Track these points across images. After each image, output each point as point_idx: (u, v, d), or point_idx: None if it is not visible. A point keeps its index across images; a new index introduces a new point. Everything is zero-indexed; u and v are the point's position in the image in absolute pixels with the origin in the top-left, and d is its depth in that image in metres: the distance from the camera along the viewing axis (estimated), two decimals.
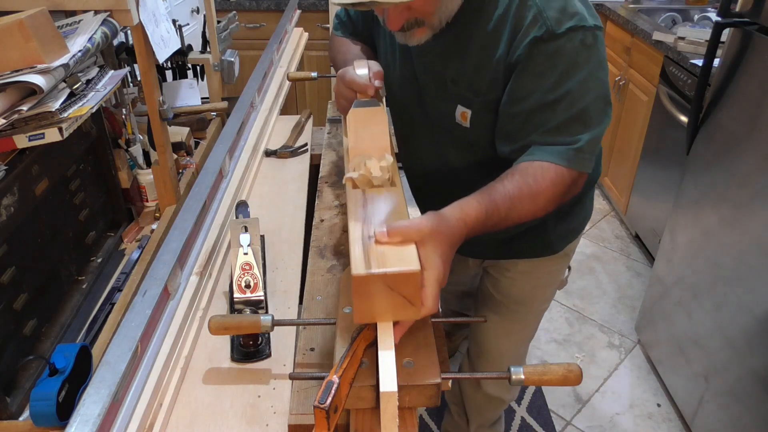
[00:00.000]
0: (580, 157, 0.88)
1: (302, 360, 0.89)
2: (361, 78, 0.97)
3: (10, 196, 0.99)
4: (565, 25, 0.85)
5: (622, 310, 2.40)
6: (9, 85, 0.98)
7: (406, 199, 0.87)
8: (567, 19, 0.85)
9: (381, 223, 0.76)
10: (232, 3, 3.06)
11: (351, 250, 0.73)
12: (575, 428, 1.90)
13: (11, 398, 0.97)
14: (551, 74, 0.87)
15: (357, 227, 0.77)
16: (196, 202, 1.13)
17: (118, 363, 0.77)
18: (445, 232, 0.75)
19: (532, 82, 0.88)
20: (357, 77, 0.97)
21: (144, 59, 1.33)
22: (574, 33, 0.85)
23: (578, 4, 0.87)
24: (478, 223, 0.80)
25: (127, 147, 1.51)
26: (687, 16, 2.87)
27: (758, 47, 1.54)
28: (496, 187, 0.85)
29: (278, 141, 1.63)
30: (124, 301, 1.19)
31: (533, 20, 0.86)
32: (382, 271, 0.69)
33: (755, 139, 1.53)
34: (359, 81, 0.96)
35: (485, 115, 0.98)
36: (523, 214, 0.86)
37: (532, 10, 0.86)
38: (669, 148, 2.34)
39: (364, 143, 0.91)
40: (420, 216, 0.76)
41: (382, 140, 0.92)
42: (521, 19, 0.87)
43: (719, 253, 1.67)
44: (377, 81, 0.97)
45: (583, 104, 0.87)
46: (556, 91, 0.87)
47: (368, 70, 0.98)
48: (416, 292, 0.70)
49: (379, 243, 0.73)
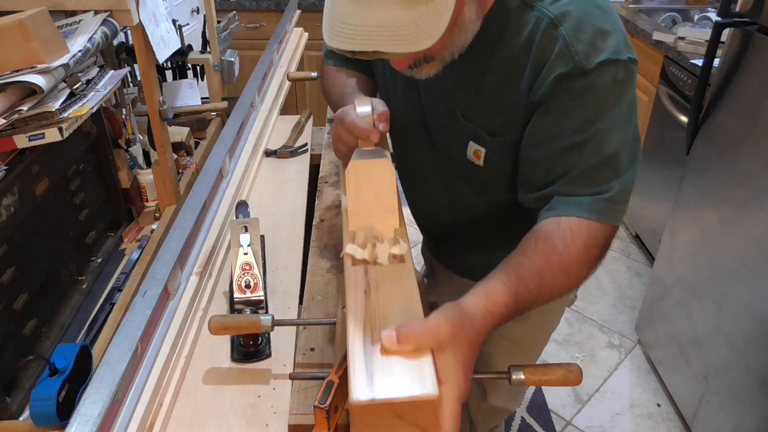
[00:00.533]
0: (612, 208, 0.76)
1: (302, 360, 0.89)
2: (364, 120, 0.84)
3: (10, 196, 0.99)
4: (595, 59, 0.73)
5: (622, 310, 2.40)
6: (9, 85, 0.98)
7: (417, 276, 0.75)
8: (597, 52, 0.73)
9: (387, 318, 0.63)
10: (232, 3, 3.06)
11: (349, 360, 0.59)
12: (575, 428, 1.90)
13: (11, 398, 0.97)
14: (578, 114, 0.76)
15: (357, 324, 0.63)
16: (196, 202, 1.13)
17: (118, 363, 0.77)
18: (468, 333, 0.62)
19: (556, 124, 0.77)
20: (358, 120, 0.84)
21: (144, 59, 1.33)
22: (606, 68, 0.74)
23: (611, 34, 0.75)
24: (507, 311, 0.68)
25: (127, 147, 1.51)
26: (687, 16, 2.87)
27: (758, 47, 1.54)
28: (521, 262, 0.73)
29: (278, 141, 1.63)
30: (124, 301, 1.19)
31: (559, 54, 0.74)
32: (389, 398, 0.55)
33: (755, 139, 1.53)
34: (361, 125, 0.83)
35: (502, 156, 0.87)
36: (556, 289, 0.73)
37: (558, 42, 0.74)
38: (669, 148, 2.34)
39: (367, 204, 0.77)
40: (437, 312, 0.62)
41: (388, 201, 0.77)
42: (545, 53, 0.75)
43: (719, 253, 1.67)
44: (382, 124, 0.84)
45: (613, 148, 0.76)
46: (583, 132, 0.76)
47: (371, 110, 0.85)
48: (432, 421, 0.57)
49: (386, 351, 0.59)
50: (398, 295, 0.66)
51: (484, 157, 0.89)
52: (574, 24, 0.74)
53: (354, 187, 0.77)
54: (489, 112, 0.85)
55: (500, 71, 0.81)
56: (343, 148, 0.87)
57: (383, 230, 0.77)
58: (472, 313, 0.65)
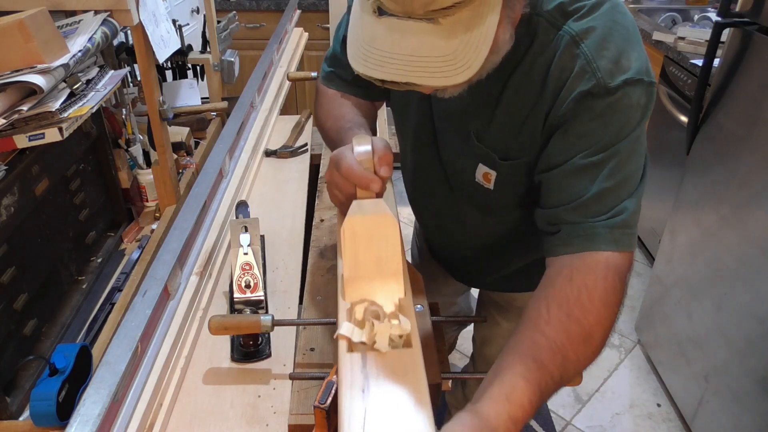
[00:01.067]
0: (627, 233, 0.71)
1: (302, 360, 0.89)
2: (363, 166, 0.74)
3: (10, 196, 0.99)
4: (620, 77, 0.68)
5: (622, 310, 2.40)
6: (9, 85, 0.98)
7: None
8: (622, 70, 0.68)
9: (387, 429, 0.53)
10: (232, 3, 3.06)
11: None
12: (575, 428, 1.90)
13: (11, 398, 0.97)
14: (599, 136, 0.70)
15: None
16: (196, 202, 1.13)
17: (118, 363, 0.77)
18: None
19: (574, 145, 0.72)
20: (356, 168, 0.73)
21: (144, 59, 1.33)
22: (631, 88, 0.69)
23: (636, 53, 0.70)
24: (531, 410, 0.59)
25: (127, 147, 1.51)
26: (687, 16, 2.87)
27: (758, 47, 1.54)
28: (536, 341, 0.63)
29: (278, 141, 1.63)
30: (124, 301, 1.19)
31: (580, 72, 0.69)
32: None
33: (755, 139, 1.53)
34: (359, 172, 0.73)
35: (514, 179, 0.83)
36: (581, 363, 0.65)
37: (580, 59, 0.69)
38: (669, 148, 2.34)
39: (367, 269, 0.66)
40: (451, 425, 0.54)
41: (392, 265, 0.66)
42: (565, 71, 0.70)
43: (719, 253, 1.67)
44: (384, 168, 0.74)
45: (629, 171, 0.72)
46: (601, 153, 0.70)
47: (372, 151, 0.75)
48: None
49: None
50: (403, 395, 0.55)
51: (494, 180, 0.84)
52: (597, 41, 0.69)
53: (351, 249, 0.65)
54: (503, 134, 0.80)
55: (518, 92, 0.76)
56: (340, 196, 0.78)
57: (385, 301, 0.65)
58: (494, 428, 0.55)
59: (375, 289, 0.66)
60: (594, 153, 0.71)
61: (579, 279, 0.68)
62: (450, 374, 0.75)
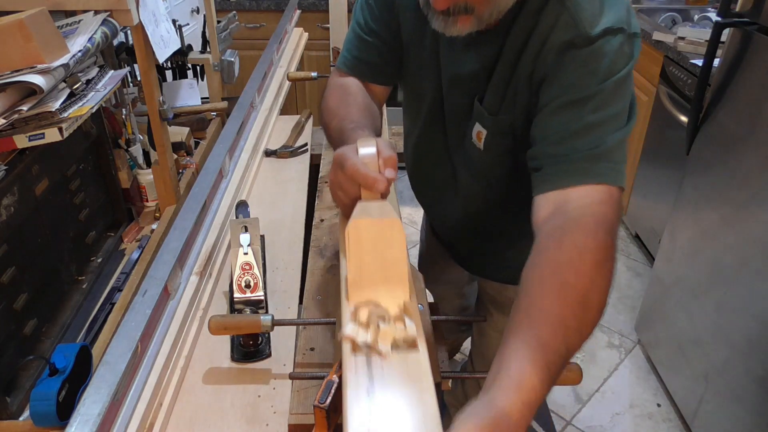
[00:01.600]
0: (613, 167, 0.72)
1: (302, 360, 0.89)
2: (368, 167, 0.73)
3: (10, 196, 0.99)
4: (599, 26, 0.71)
5: (622, 310, 2.40)
6: (9, 85, 0.98)
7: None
8: (602, 20, 0.72)
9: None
10: (232, 3, 3.06)
11: None
12: (575, 428, 1.90)
13: (11, 398, 0.97)
14: (584, 80, 0.72)
15: None
16: (196, 202, 1.13)
17: (118, 363, 0.77)
18: None
19: (559, 92, 0.74)
20: (361, 168, 0.72)
21: (144, 59, 1.33)
22: (612, 36, 0.72)
23: (616, 8, 0.73)
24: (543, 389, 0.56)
25: (127, 147, 1.51)
26: (687, 16, 2.87)
27: (758, 47, 1.54)
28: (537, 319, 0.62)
29: (278, 141, 1.63)
30: (124, 301, 1.19)
31: (563, 24, 0.73)
32: None
33: (755, 139, 1.53)
34: (364, 173, 0.71)
35: (499, 140, 0.86)
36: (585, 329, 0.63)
37: (563, 14, 0.73)
38: (669, 148, 2.34)
39: (372, 273, 0.65)
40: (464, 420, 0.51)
41: (397, 269, 0.65)
42: (550, 26, 0.74)
43: (719, 253, 1.67)
44: (389, 170, 0.73)
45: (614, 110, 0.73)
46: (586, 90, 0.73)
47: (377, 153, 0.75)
48: None
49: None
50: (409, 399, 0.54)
51: (484, 139, 0.87)
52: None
53: (356, 251, 0.65)
54: (496, 91, 0.83)
55: (512, 49, 0.79)
56: (343, 197, 0.76)
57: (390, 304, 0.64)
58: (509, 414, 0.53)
59: (380, 292, 0.65)
60: (578, 90, 0.73)
61: (569, 241, 0.66)
62: (450, 374, 0.75)
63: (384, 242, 0.65)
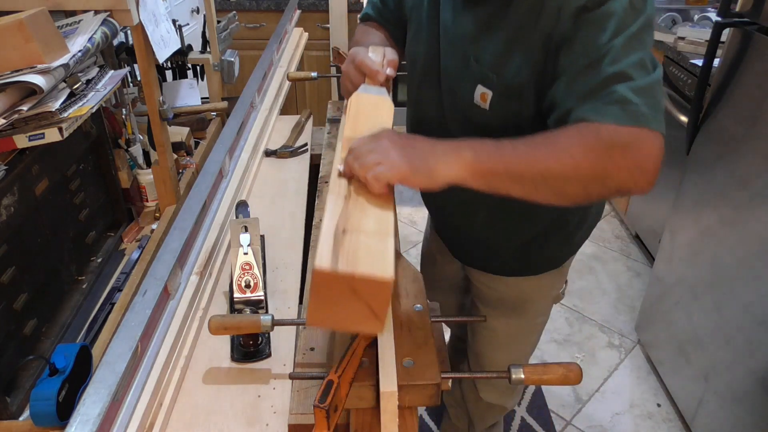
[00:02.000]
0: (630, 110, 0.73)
1: (302, 360, 0.89)
2: (373, 61, 0.91)
3: (10, 196, 0.99)
4: None
5: (622, 310, 2.40)
6: (9, 85, 0.98)
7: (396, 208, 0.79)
8: None
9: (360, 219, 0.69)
10: (232, 3, 3.06)
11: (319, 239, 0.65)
12: (575, 428, 1.90)
13: (11, 398, 0.97)
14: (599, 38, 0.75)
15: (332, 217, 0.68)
16: (196, 202, 1.13)
17: (118, 363, 0.77)
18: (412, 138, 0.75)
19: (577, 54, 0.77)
20: (368, 59, 0.91)
21: (144, 59, 1.33)
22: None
23: None
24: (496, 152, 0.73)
25: (127, 147, 1.51)
26: (687, 16, 2.87)
27: (758, 47, 1.54)
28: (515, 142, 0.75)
29: (278, 141, 1.63)
30: (124, 301, 1.19)
31: None
32: (350, 271, 0.60)
33: (755, 139, 1.53)
34: (370, 64, 0.90)
35: (507, 101, 0.88)
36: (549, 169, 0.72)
37: None
38: (669, 148, 2.31)
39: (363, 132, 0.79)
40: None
41: None
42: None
43: (719, 253, 1.67)
44: (390, 69, 0.91)
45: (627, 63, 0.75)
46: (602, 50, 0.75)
47: (383, 57, 0.92)
48: (384, 305, 0.63)
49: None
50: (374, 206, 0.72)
51: (490, 100, 0.89)
52: None
53: (353, 116, 0.82)
54: (502, 55, 0.85)
55: (519, 14, 0.82)
56: (350, 85, 0.93)
57: None
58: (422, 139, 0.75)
59: None
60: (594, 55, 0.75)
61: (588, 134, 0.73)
62: (450, 374, 0.75)
63: (376, 112, 0.83)
